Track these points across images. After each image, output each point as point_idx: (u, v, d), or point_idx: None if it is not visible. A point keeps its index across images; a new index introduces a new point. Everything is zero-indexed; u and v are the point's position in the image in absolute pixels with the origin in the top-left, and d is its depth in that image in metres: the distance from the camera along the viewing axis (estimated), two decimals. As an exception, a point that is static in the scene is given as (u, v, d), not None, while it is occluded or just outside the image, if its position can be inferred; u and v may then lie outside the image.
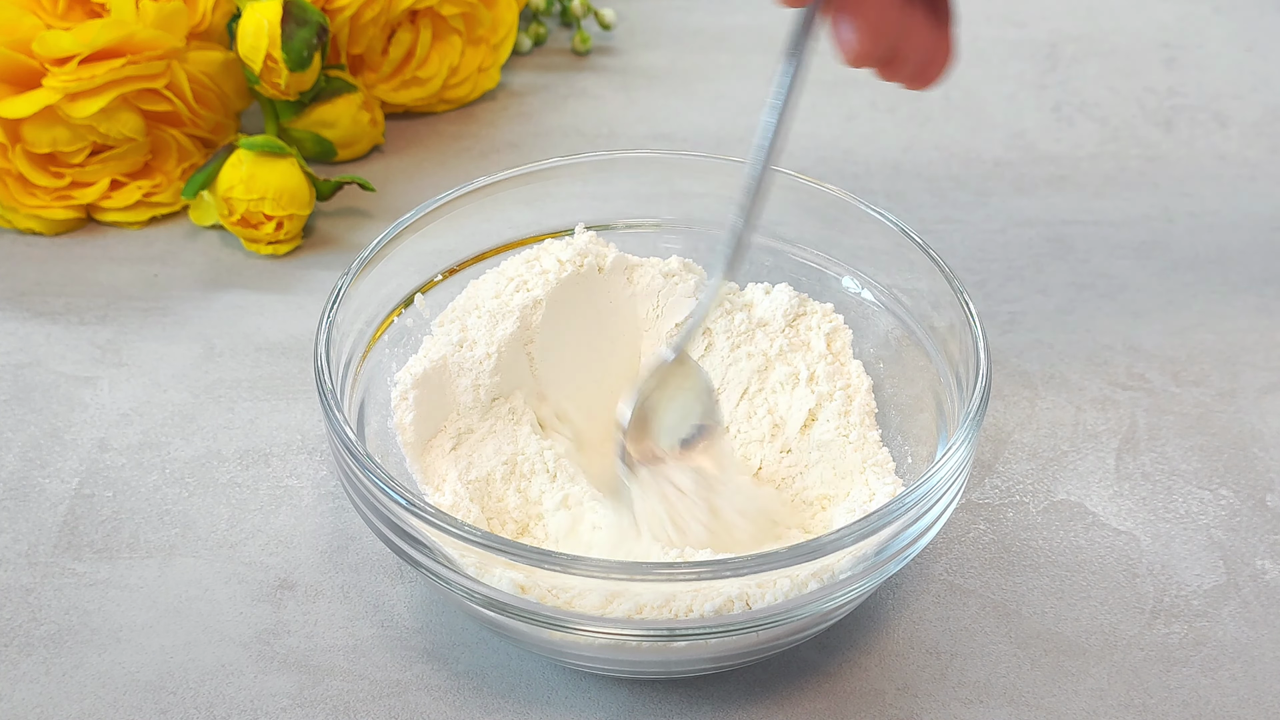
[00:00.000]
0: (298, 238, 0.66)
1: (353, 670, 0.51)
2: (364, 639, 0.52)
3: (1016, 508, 0.57)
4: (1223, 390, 0.61)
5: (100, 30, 0.62)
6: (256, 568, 0.54)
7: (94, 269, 0.66)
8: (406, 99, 0.72)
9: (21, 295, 0.64)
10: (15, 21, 0.62)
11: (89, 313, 0.64)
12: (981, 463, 0.57)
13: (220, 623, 0.53)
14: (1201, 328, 0.65)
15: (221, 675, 0.51)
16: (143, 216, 0.68)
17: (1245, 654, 0.52)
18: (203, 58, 0.66)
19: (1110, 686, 0.51)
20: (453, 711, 0.50)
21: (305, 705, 0.50)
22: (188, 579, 0.54)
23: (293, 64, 0.64)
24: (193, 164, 0.68)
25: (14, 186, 0.66)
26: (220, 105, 0.68)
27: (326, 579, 0.54)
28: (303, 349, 0.62)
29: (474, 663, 0.51)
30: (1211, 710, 0.50)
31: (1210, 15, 0.86)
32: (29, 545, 0.55)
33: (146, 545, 0.55)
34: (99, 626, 0.52)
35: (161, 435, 0.59)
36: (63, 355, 0.62)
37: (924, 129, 0.77)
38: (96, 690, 0.51)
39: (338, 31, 0.68)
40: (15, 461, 0.58)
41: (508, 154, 0.73)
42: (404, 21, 0.70)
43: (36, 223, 0.67)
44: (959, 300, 0.52)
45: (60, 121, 0.64)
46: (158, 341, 0.63)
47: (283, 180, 0.64)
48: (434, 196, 0.56)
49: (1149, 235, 0.70)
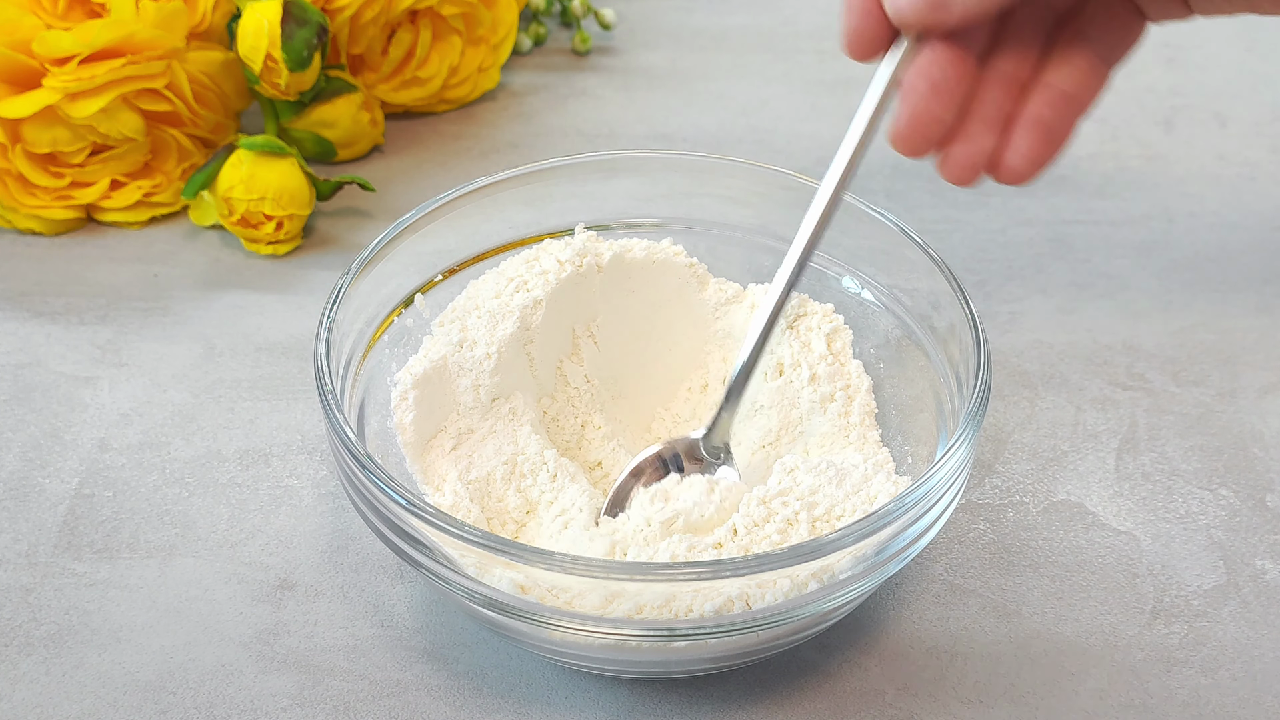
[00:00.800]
0: (298, 238, 0.66)
1: (353, 670, 0.51)
2: (364, 639, 0.52)
3: (1016, 508, 0.57)
4: (1223, 390, 0.61)
5: (100, 30, 0.62)
6: (256, 568, 0.54)
7: (94, 269, 0.66)
8: (406, 99, 0.72)
9: (21, 295, 0.65)
10: (15, 21, 0.62)
11: (89, 313, 0.64)
12: (981, 463, 0.57)
13: (220, 623, 0.53)
14: (1201, 328, 0.65)
15: (221, 675, 0.51)
16: (143, 216, 0.68)
17: (1245, 654, 0.52)
18: (203, 58, 0.66)
19: (1110, 686, 0.51)
20: (453, 711, 0.50)
21: (305, 705, 0.50)
22: (188, 579, 0.54)
23: (293, 64, 0.64)
24: (193, 164, 0.68)
25: (14, 186, 0.66)
26: (220, 105, 0.68)
27: (326, 579, 0.54)
28: (303, 349, 0.62)
29: (474, 663, 0.51)
30: (1211, 710, 0.50)
31: None
32: (29, 545, 0.55)
33: (146, 545, 0.55)
34: (99, 626, 0.52)
35: (161, 435, 0.59)
36: (63, 355, 0.62)
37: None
38: (96, 690, 0.51)
39: (338, 31, 0.68)
40: (15, 461, 0.58)
41: (508, 154, 0.73)
42: (404, 21, 0.70)
43: (36, 223, 0.67)
44: (959, 300, 0.52)
45: (60, 121, 0.64)
46: (158, 341, 0.63)
47: (283, 180, 0.64)
48: (434, 196, 0.56)
49: (1149, 235, 0.70)
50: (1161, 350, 0.63)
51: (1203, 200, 0.72)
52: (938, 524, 0.48)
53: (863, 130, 0.49)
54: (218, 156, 0.66)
